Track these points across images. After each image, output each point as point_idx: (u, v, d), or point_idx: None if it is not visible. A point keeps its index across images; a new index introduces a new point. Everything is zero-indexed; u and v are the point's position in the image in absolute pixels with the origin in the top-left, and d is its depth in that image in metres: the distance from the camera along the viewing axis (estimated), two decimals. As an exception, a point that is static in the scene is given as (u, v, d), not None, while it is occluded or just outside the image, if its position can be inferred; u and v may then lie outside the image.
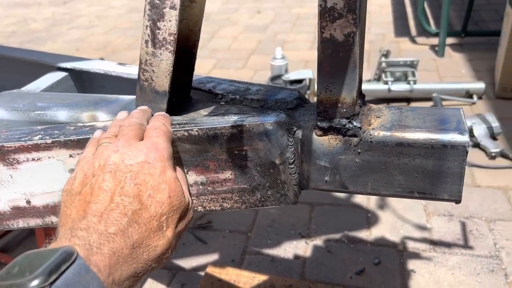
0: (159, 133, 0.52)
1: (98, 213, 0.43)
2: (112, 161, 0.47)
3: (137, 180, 0.45)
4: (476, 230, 1.67)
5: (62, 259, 0.36)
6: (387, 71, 2.52)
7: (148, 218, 0.44)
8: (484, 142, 2.09)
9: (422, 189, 0.68)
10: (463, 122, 0.66)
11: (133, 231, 0.43)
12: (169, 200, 0.46)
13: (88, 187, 0.46)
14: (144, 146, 0.49)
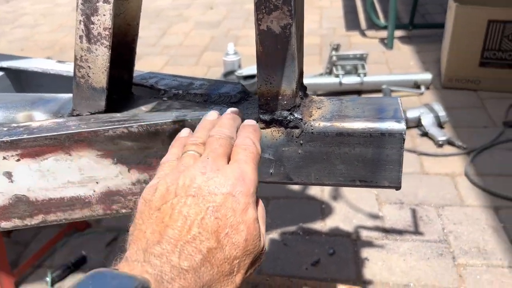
0: (248, 157, 0.48)
1: (174, 242, 0.40)
2: (197, 184, 0.43)
3: (219, 213, 0.41)
4: (425, 216, 1.72)
5: None
6: (338, 65, 2.56)
7: (221, 259, 0.40)
8: (432, 131, 2.17)
9: (363, 177, 0.70)
10: (400, 110, 0.68)
11: (205, 271, 0.39)
12: (245, 243, 0.42)
13: (169, 206, 0.42)
14: (232, 175, 0.44)
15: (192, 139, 0.50)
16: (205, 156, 0.46)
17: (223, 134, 0.49)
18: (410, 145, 2.15)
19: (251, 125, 0.53)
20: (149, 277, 0.37)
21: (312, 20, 3.93)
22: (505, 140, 2.11)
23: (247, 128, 0.53)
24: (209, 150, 0.47)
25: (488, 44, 2.43)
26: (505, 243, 1.58)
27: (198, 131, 0.52)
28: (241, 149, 0.48)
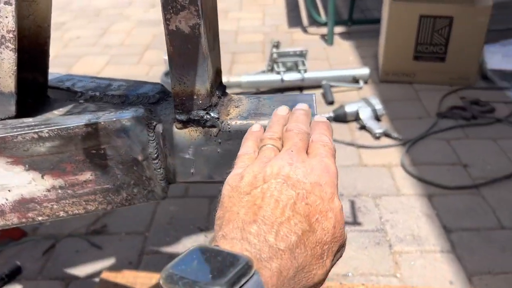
0: (328, 152, 0.49)
1: (269, 222, 0.40)
2: (286, 172, 0.44)
3: (308, 200, 0.42)
4: (363, 206, 1.78)
5: (243, 272, 0.34)
6: (279, 62, 2.59)
7: (314, 242, 0.41)
8: (369, 124, 2.24)
9: None
10: (314, 106, 0.70)
11: (300, 253, 0.40)
12: (333, 230, 0.43)
13: (259, 191, 0.43)
14: (317, 166, 0.45)
15: (269, 134, 0.51)
16: (287, 148, 0.48)
17: (301, 129, 0.50)
18: (349, 139, 2.21)
19: (324, 121, 0.54)
20: (249, 254, 0.37)
21: (255, 17, 3.95)
22: (438, 130, 2.21)
23: (321, 125, 0.53)
24: (291, 143, 0.48)
25: (421, 38, 2.54)
26: (437, 229, 1.65)
27: (273, 125, 0.53)
28: (320, 145, 0.49)
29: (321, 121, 0.54)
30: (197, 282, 0.33)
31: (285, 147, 0.48)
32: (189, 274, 0.34)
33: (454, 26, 2.46)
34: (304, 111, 0.55)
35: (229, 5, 4.27)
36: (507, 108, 2.37)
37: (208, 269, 0.35)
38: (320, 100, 2.56)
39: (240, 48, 3.33)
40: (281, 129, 0.52)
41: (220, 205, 0.45)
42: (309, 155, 0.48)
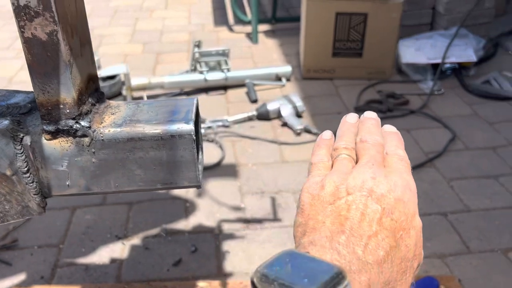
0: (407, 168, 0.47)
1: (357, 235, 0.40)
2: (370, 186, 0.43)
3: (393, 216, 0.42)
4: (284, 203, 1.81)
5: (337, 280, 0.33)
6: (201, 61, 2.57)
7: (399, 258, 0.41)
8: (290, 121, 2.27)
9: (163, 180, 0.70)
10: (191, 111, 0.69)
11: (386, 268, 0.40)
12: (414, 248, 0.42)
13: (344, 202, 0.43)
14: (399, 182, 0.44)
15: (342, 143, 0.50)
16: (367, 161, 0.47)
17: (376, 140, 0.49)
18: (271, 136, 2.24)
19: (396, 132, 0.52)
20: (338, 265, 0.36)
21: (181, 16, 3.90)
22: (356, 124, 2.28)
23: (394, 136, 0.52)
24: (368, 156, 0.47)
25: (338, 35, 2.61)
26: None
27: (345, 135, 0.51)
28: (397, 159, 0.48)
29: (393, 131, 0.52)
30: (292, 284, 0.33)
31: (363, 159, 0.47)
32: (283, 276, 0.34)
33: (369, 23, 2.56)
34: (375, 120, 0.53)
35: (154, 4, 4.19)
36: (420, 99, 2.49)
37: (302, 273, 0.34)
38: (244, 99, 2.58)
39: (165, 48, 3.28)
40: (353, 138, 0.51)
41: (300, 211, 0.45)
42: (386, 169, 0.47)
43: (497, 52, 2.93)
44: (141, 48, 3.29)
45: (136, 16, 3.92)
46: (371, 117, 0.53)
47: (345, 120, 0.54)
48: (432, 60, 2.64)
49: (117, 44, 3.37)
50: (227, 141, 2.20)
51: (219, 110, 2.46)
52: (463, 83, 2.58)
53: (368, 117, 0.53)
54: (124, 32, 3.59)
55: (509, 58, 2.88)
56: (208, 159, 2.06)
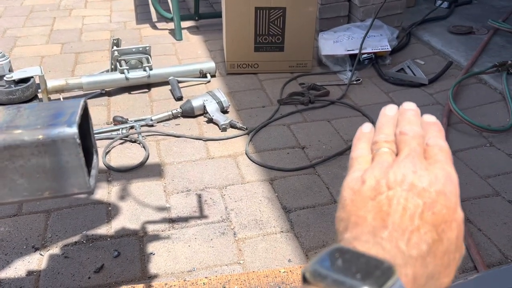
0: (448, 159, 0.46)
1: (400, 229, 0.40)
2: (410, 181, 0.42)
3: (435, 209, 0.41)
4: (210, 199, 1.80)
5: (389, 275, 0.34)
6: (121, 60, 2.50)
7: (442, 252, 0.41)
8: (216, 117, 2.27)
9: (50, 188, 0.67)
10: (76, 113, 0.67)
11: (430, 261, 0.40)
12: (457, 241, 0.42)
13: (384, 197, 0.42)
14: (440, 175, 0.44)
15: (382, 136, 0.49)
16: (407, 154, 0.46)
17: (416, 132, 0.48)
18: (197, 133, 2.22)
19: (436, 123, 0.50)
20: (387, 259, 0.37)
21: (102, 14, 3.77)
22: (279, 117, 2.33)
23: (434, 127, 0.50)
24: (409, 148, 0.46)
25: (259, 30, 2.64)
26: (278, 211, 1.74)
27: (385, 127, 0.50)
28: (438, 150, 0.46)
29: (433, 122, 0.51)
30: (345, 280, 0.33)
31: (403, 152, 0.46)
32: (336, 272, 0.34)
33: (288, 17, 2.60)
34: (414, 111, 0.51)
35: (73, 3, 4.02)
36: (340, 90, 2.57)
37: (354, 269, 0.34)
38: (168, 96, 2.54)
39: (85, 48, 3.16)
40: (393, 130, 0.50)
41: (342, 207, 0.45)
42: (427, 161, 0.46)
43: (410, 41, 3.08)
44: (59, 49, 3.15)
45: (54, 16, 3.75)
46: (410, 108, 0.52)
47: (384, 113, 0.53)
48: (349, 51, 2.73)
49: (33, 46, 3.20)
50: (151, 140, 2.16)
51: (142, 109, 2.41)
52: (380, 72, 2.70)
53: (407, 108, 0.52)
54: (40, 33, 3.42)
55: (421, 47, 3.04)
56: (131, 160, 2.01)
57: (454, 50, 2.88)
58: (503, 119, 2.25)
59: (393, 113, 0.52)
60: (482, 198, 1.79)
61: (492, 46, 2.88)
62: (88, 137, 0.75)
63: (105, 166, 1.97)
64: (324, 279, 0.34)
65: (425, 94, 2.52)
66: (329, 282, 0.34)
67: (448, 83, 2.54)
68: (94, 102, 2.48)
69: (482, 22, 3.15)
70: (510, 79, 2.48)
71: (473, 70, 2.62)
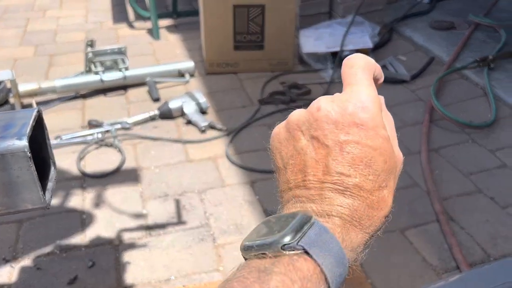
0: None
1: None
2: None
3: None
4: (189, 204, 1.75)
5: (303, 220, 0.36)
6: (96, 61, 2.43)
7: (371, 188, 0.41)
8: (195, 118, 2.22)
9: (1, 204, 0.62)
10: (28, 124, 0.61)
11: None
12: (383, 165, 0.41)
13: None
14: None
15: None
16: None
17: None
18: (176, 135, 2.17)
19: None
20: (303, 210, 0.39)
21: (77, 14, 3.68)
22: (260, 117, 2.28)
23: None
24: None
25: (238, 28, 2.58)
26: (259, 214, 1.70)
27: None
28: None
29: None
30: (268, 241, 0.36)
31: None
32: (261, 239, 0.37)
33: (267, 15, 2.55)
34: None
35: (47, 3, 3.92)
36: (322, 88, 2.54)
37: (275, 228, 0.37)
38: (146, 98, 2.48)
39: (59, 49, 3.07)
40: None
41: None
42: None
43: (392, 37, 3.06)
44: (32, 51, 3.05)
45: (27, 17, 3.64)
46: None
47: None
48: (331, 48, 2.70)
49: (5, 48, 3.10)
50: (127, 144, 2.09)
51: (119, 111, 2.35)
52: (361, 70, 2.66)
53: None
54: (13, 34, 3.32)
55: (403, 43, 3.02)
56: (107, 165, 1.94)
57: (436, 45, 2.87)
58: (484, 115, 2.23)
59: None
60: (465, 196, 1.77)
61: (474, 41, 2.87)
62: (44, 148, 0.70)
63: (79, 172, 1.90)
64: (252, 249, 0.37)
65: (407, 91, 2.50)
66: (256, 248, 0.37)
67: (430, 79, 2.52)
68: (68, 105, 2.40)
69: (464, 16, 3.14)
70: (491, 75, 2.47)
71: (454, 66, 2.61)
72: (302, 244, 0.35)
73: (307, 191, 0.40)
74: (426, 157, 1.94)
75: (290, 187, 0.42)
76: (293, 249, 0.35)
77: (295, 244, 0.35)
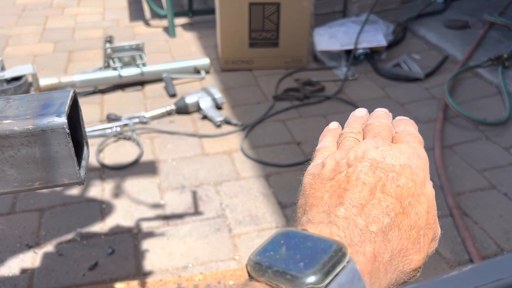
0: (416, 139, 0.44)
1: (358, 204, 0.37)
2: (372, 156, 0.41)
3: (399, 182, 0.39)
4: (205, 195, 1.79)
5: (337, 259, 0.31)
6: (114, 57, 2.48)
7: (408, 226, 0.38)
8: (210, 113, 2.26)
9: (40, 179, 0.66)
10: (65, 103, 0.65)
11: (394, 235, 0.37)
12: (427, 215, 0.40)
13: (343, 175, 0.40)
14: (406, 150, 0.42)
15: (348, 129, 0.47)
16: (371, 136, 0.44)
17: (382, 122, 0.47)
18: (191, 130, 2.21)
19: (407, 118, 0.49)
20: (339, 239, 0.34)
21: (95, 12, 3.75)
22: (275, 113, 2.31)
23: (405, 121, 0.48)
24: (372, 133, 0.45)
25: (253, 25, 2.62)
26: (273, 206, 1.73)
27: (351, 123, 0.48)
28: (406, 134, 0.45)
29: (404, 118, 0.50)
30: (288, 271, 0.30)
31: (368, 136, 0.44)
32: (278, 262, 0.31)
33: (282, 12, 2.59)
34: (385, 111, 0.50)
35: (65, 1, 3.99)
36: (336, 85, 2.56)
37: (298, 256, 0.31)
38: (162, 94, 2.52)
39: (77, 46, 3.13)
40: (361, 126, 0.48)
41: (302, 194, 0.42)
42: (393, 142, 0.44)
43: (406, 36, 3.08)
44: (52, 47, 3.12)
45: (46, 14, 3.72)
46: (381, 109, 0.51)
47: (353, 114, 0.52)
48: (345, 46, 2.72)
49: (25, 45, 3.17)
50: (145, 138, 2.14)
51: (136, 106, 2.39)
52: (375, 67, 2.69)
53: (377, 109, 0.51)
54: (33, 31, 3.39)
55: (416, 42, 3.03)
56: (125, 158, 1.99)
57: (450, 44, 2.88)
58: (498, 113, 2.24)
59: (363, 114, 0.51)
60: (478, 192, 1.79)
61: (488, 40, 2.87)
62: (79, 129, 0.74)
63: (98, 164, 1.95)
64: (265, 272, 0.31)
65: (421, 88, 2.51)
66: (270, 275, 0.30)
67: (444, 78, 2.53)
68: (87, 100, 2.46)
69: (478, 16, 3.14)
70: (505, 73, 2.48)
71: (468, 64, 2.62)
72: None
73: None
74: (440, 153, 1.96)
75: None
76: None
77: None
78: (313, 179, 0.42)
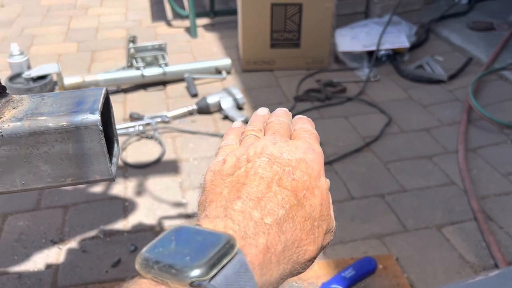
0: (312, 136, 0.48)
1: (254, 197, 0.39)
2: (270, 151, 0.43)
3: (295, 176, 0.41)
4: (226, 195, 1.79)
5: (225, 251, 0.31)
6: (137, 57, 2.51)
7: (302, 217, 0.40)
8: (231, 113, 2.26)
9: (73, 175, 0.67)
10: (98, 101, 0.66)
11: (288, 227, 0.38)
12: (320, 207, 0.42)
13: (243, 170, 0.42)
14: (301, 145, 0.44)
15: (250, 127, 0.50)
16: (270, 133, 0.47)
17: (281, 120, 0.50)
18: (213, 129, 2.22)
19: (305, 117, 0.54)
20: (232, 232, 0.35)
21: (117, 12, 3.79)
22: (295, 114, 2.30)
23: (302, 119, 0.53)
24: (272, 131, 0.48)
25: (275, 26, 2.62)
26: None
27: (253, 122, 0.52)
28: (303, 131, 0.48)
29: (302, 116, 0.54)
30: (173, 265, 0.30)
31: (267, 133, 0.48)
32: (165, 257, 0.31)
33: (304, 13, 2.58)
34: (285, 110, 0.55)
35: (89, 1, 4.05)
36: (357, 86, 2.55)
37: (186, 250, 0.31)
38: (184, 93, 2.54)
39: (100, 45, 3.18)
40: (262, 124, 0.51)
41: (202, 191, 0.44)
42: (292, 139, 0.47)
43: (429, 37, 3.04)
44: (75, 47, 3.17)
45: (70, 14, 3.78)
46: (281, 108, 0.55)
47: (255, 113, 0.56)
48: (367, 47, 2.70)
49: (50, 44, 3.23)
50: (167, 137, 2.16)
51: (158, 106, 2.42)
52: (398, 69, 2.66)
53: (278, 109, 0.55)
54: (57, 31, 3.45)
55: (440, 43, 3.00)
56: (148, 156, 2.01)
57: (474, 46, 2.84)
58: (524, 116, 2.20)
59: (264, 113, 0.55)
60: (503, 196, 1.75)
61: (513, 42, 2.82)
62: (110, 126, 0.75)
63: (121, 162, 1.98)
64: (151, 268, 0.31)
65: (444, 91, 2.48)
66: (156, 270, 0.31)
67: (468, 80, 2.49)
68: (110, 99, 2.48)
69: (503, 18, 3.09)
70: (531, 76, 2.43)
71: (493, 67, 2.57)
72: (214, 284, 0.30)
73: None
74: (464, 156, 1.93)
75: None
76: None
77: (206, 284, 0.30)
78: (214, 175, 0.44)
